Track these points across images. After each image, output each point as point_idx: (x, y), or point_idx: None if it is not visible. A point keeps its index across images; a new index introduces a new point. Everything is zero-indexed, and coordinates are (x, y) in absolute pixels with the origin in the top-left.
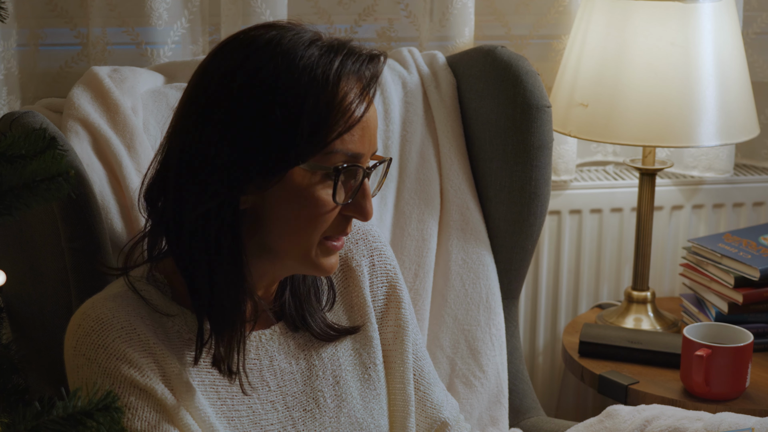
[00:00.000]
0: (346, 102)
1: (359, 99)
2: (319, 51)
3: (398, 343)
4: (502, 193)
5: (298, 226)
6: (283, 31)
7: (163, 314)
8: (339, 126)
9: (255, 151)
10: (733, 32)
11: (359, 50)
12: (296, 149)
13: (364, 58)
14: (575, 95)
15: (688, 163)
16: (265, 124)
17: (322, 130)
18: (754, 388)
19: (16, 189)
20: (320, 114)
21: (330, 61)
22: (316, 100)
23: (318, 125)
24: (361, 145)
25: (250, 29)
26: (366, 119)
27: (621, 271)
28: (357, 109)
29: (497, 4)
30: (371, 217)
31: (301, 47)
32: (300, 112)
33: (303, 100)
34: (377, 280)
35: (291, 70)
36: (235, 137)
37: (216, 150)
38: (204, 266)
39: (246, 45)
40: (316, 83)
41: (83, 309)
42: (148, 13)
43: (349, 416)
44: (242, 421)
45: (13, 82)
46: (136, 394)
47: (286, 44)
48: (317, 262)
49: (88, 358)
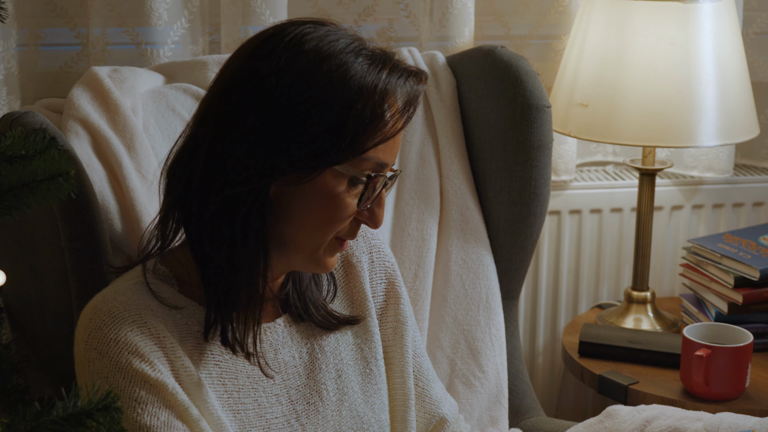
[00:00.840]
0: (389, 114)
1: (402, 113)
2: (367, 61)
3: (398, 338)
4: (502, 193)
5: (316, 224)
6: (326, 31)
7: (171, 307)
8: (379, 136)
9: (297, 147)
10: (733, 32)
11: (403, 65)
12: (337, 151)
13: (409, 75)
14: (575, 95)
15: (688, 163)
16: (311, 124)
17: (363, 137)
18: (754, 389)
19: (16, 189)
20: (365, 122)
21: (378, 71)
22: (363, 108)
23: (361, 132)
24: (390, 156)
25: (293, 24)
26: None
27: (621, 271)
28: (398, 122)
29: (497, 4)
30: (381, 225)
31: (350, 53)
32: (347, 118)
33: (351, 106)
34: (376, 276)
35: (341, 76)
36: (278, 131)
37: (256, 139)
38: (225, 248)
39: (294, 44)
40: (366, 92)
41: (94, 303)
42: (148, 13)
43: (351, 410)
44: (248, 414)
45: (13, 82)
46: (146, 389)
47: (334, 48)
48: (322, 259)
49: (100, 352)
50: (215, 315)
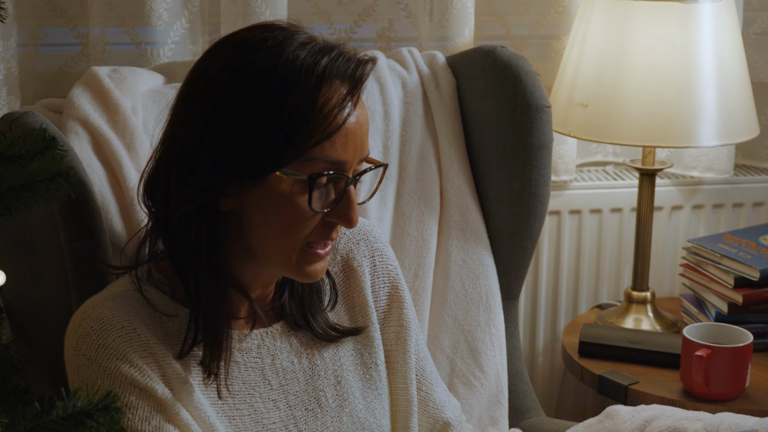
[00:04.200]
0: (327, 108)
1: (342, 104)
2: (307, 52)
3: (401, 343)
4: (502, 193)
5: (277, 231)
6: (276, 32)
7: (162, 314)
8: (318, 133)
9: (234, 154)
10: (733, 32)
11: (349, 53)
12: (273, 155)
13: (352, 62)
14: (575, 95)
15: (687, 164)
16: (244, 126)
17: (299, 137)
18: (754, 389)
19: (16, 189)
20: (298, 120)
21: (315, 62)
22: (296, 104)
23: (295, 131)
24: (344, 152)
25: (245, 29)
26: (350, 126)
27: (621, 272)
28: (338, 115)
29: (497, 4)
30: (356, 224)
31: (290, 48)
32: (278, 117)
33: (282, 103)
34: (379, 280)
35: (274, 70)
36: (216, 139)
37: (198, 151)
38: (188, 266)
39: (236, 45)
40: (296, 86)
41: (83, 309)
42: (148, 13)
43: (351, 416)
44: (244, 420)
45: (12, 82)
46: (136, 394)
47: (276, 44)
48: (299, 268)
49: (89, 358)
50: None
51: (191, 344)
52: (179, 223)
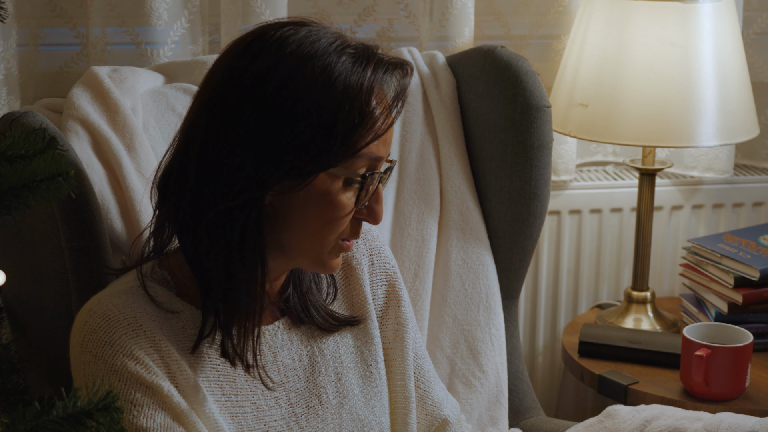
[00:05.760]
0: (377, 112)
1: (390, 108)
2: (350, 59)
3: (398, 340)
4: (502, 193)
5: (316, 227)
6: (307, 32)
7: (167, 311)
8: (370, 134)
9: (287, 155)
10: (733, 32)
11: (388, 59)
12: (329, 155)
13: (395, 68)
14: (575, 95)
15: (687, 164)
16: (299, 129)
17: (354, 137)
18: (754, 389)
19: (16, 189)
20: (354, 122)
21: (363, 70)
22: (350, 109)
23: (351, 133)
24: (384, 149)
25: (273, 27)
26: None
27: (621, 271)
28: (387, 118)
29: (497, 4)
30: (381, 220)
31: (332, 54)
32: (335, 120)
33: (338, 108)
34: (377, 278)
35: (326, 78)
36: (268, 141)
37: (246, 151)
38: (221, 260)
39: (276, 48)
40: (351, 93)
41: (89, 306)
42: (148, 13)
43: (351, 413)
44: (246, 417)
45: (12, 82)
46: (142, 391)
47: (317, 49)
48: (327, 261)
49: (95, 355)
50: (213, 326)
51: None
52: (215, 221)
